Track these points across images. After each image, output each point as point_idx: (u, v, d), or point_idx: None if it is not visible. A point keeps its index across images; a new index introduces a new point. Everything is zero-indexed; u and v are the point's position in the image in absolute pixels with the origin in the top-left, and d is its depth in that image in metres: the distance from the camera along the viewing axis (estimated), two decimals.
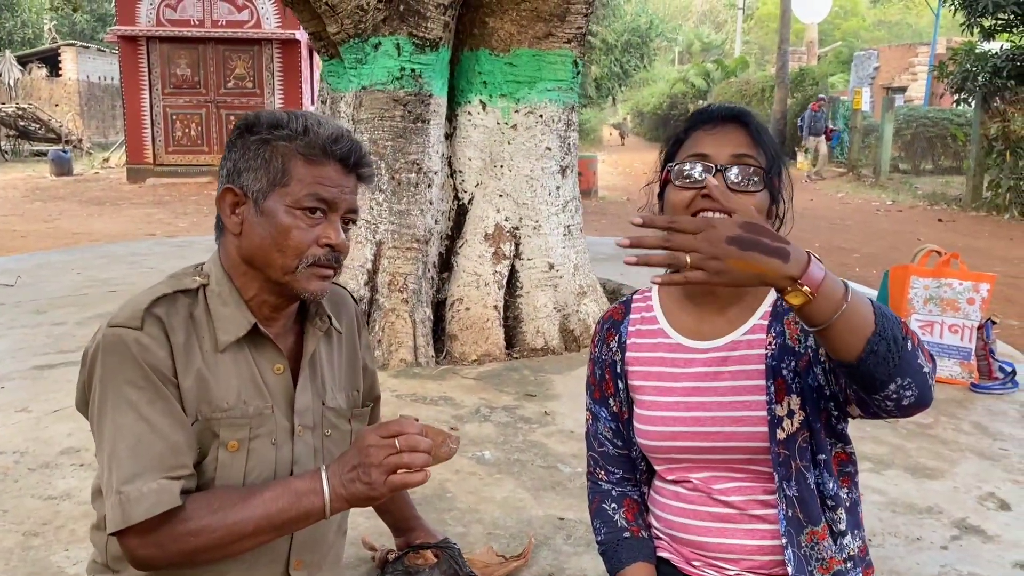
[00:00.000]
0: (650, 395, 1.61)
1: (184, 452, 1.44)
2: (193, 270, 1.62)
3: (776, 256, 1.16)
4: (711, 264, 1.15)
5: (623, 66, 31.32)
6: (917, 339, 1.29)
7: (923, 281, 4.45)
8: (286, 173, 1.51)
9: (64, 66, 28.21)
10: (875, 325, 1.21)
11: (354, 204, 1.57)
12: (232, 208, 1.55)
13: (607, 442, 1.72)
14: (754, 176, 1.49)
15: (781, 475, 1.50)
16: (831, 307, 1.18)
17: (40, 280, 6.33)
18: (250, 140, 1.53)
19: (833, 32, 38.90)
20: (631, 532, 1.67)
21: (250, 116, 1.57)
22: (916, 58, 25.26)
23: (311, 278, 1.53)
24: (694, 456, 1.57)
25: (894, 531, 2.84)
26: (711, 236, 1.15)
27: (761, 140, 1.53)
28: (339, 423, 1.73)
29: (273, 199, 1.51)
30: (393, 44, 4.55)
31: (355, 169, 1.56)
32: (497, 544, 2.66)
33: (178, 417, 1.45)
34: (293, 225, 1.50)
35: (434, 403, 3.95)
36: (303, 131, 1.52)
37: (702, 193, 1.46)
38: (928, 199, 16.06)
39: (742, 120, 1.54)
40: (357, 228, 4.70)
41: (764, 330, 1.55)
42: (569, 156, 5.10)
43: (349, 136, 1.55)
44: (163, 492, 1.38)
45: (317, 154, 1.51)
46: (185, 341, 1.50)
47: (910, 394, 1.26)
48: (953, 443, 3.62)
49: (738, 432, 1.52)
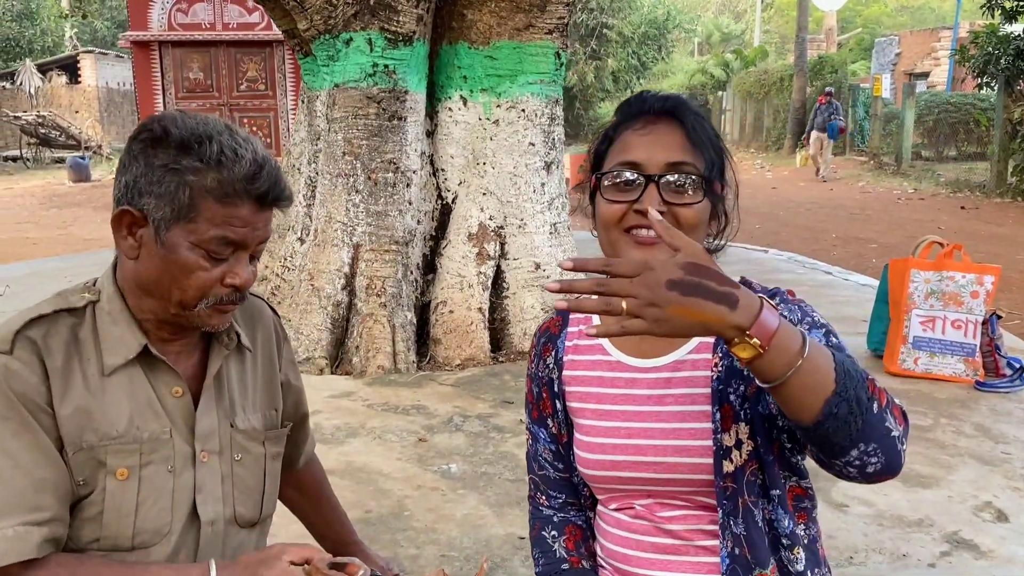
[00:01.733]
0: (589, 419, 1.47)
1: (49, 490, 1.31)
2: (83, 286, 1.47)
3: (722, 302, 1.03)
4: (650, 312, 1.02)
5: (640, 58, 30.93)
6: (886, 399, 1.13)
7: (924, 274, 4.23)
8: (193, 208, 1.33)
9: (83, 73, 28.44)
10: (836, 384, 1.08)
11: (266, 236, 1.41)
12: (129, 230, 1.38)
13: (547, 465, 1.59)
14: (692, 186, 1.32)
15: (727, 510, 1.35)
16: (784, 362, 1.05)
17: (28, 289, 6.26)
18: (155, 163, 1.35)
19: (854, 19, 38.28)
20: (570, 563, 1.54)
21: (156, 127, 1.37)
22: (938, 43, 24.70)
23: (212, 314, 1.39)
24: (636, 487, 1.43)
25: (879, 547, 2.64)
26: (649, 280, 1.03)
27: (699, 139, 1.34)
28: (250, 446, 1.57)
29: (176, 233, 1.34)
30: (365, 40, 4.40)
31: (272, 205, 1.39)
32: (450, 567, 2.50)
33: (46, 451, 1.32)
34: (196, 265, 1.35)
35: (405, 412, 3.80)
36: (216, 164, 1.33)
37: (634, 208, 1.31)
38: (951, 186, 15.67)
39: (676, 115, 1.35)
40: (333, 231, 4.57)
41: (710, 349, 1.38)
42: (554, 152, 4.93)
43: (268, 168, 1.36)
44: (17, 540, 1.26)
45: (230, 194, 1.34)
46: (64, 365, 1.36)
47: (875, 461, 1.12)
48: (952, 447, 3.41)
49: (682, 463, 1.37)
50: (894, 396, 1.17)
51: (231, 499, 1.50)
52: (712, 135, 1.38)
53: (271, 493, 1.61)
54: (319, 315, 4.50)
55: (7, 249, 9.97)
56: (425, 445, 3.44)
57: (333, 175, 4.59)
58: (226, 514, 1.48)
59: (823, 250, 9.24)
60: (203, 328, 1.40)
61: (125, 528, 1.38)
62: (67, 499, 1.34)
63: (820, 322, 1.31)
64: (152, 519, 1.40)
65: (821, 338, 1.27)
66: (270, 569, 1.31)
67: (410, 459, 3.31)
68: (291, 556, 1.34)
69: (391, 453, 3.37)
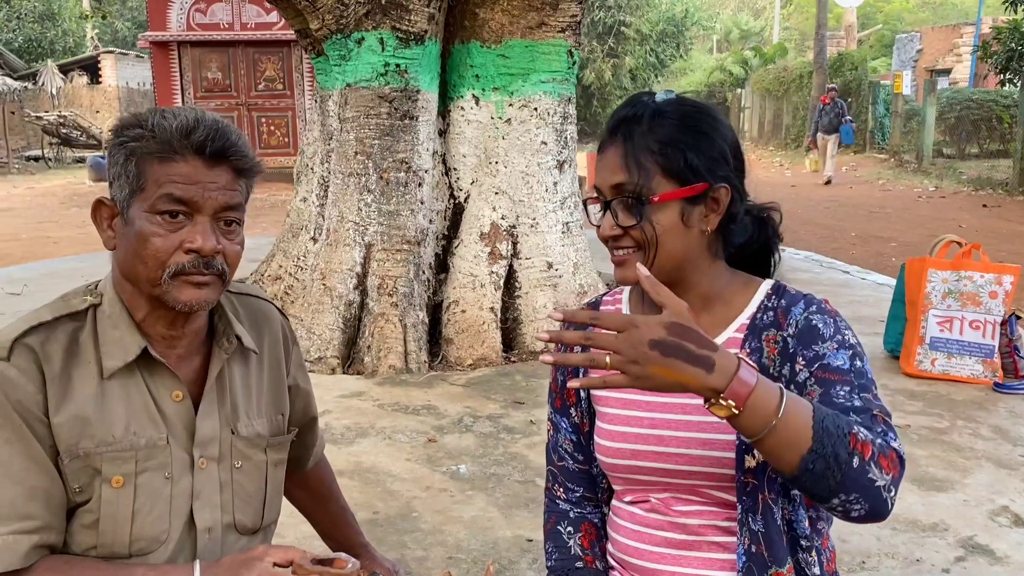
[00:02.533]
0: (613, 408, 1.47)
1: (40, 499, 1.31)
2: (85, 288, 1.47)
3: (699, 365, 1.09)
4: (631, 368, 1.09)
5: (658, 56, 30.80)
6: (871, 451, 1.15)
7: (941, 274, 4.17)
8: (141, 176, 1.34)
9: (104, 73, 28.68)
10: (812, 442, 1.12)
11: (229, 201, 1.38)
12: (109, 222, 1.40)
13: (567, 456, 1.58)
14: (628, 208, 1.33)
15: (746, 506, 1.35)
16: (760, 422, 1.11)
17: (45, 289, 6.30)
18: (113, 148, 1.38)
19: (875, 15, 37.92)
20: (584, 562, 1.53)
21: (121, 119, 1.42)
22: (960, 39, 24.42)
23: (182, 287, 1.36)
24: (655, 478, 1.43)
25: (892, 552, 2.60)
26: (633, 337, 1.09)
27: (633, 152, 1.33)
28: (252, 453, 1.55)
29: (134, 208, 1.36)
30: (376, 39, 4.39)
31: (221, 161, 1.38)
32: (456, 569, 2.49)
33: (39, 460, 1.32)
34: (151, 232, 1.34)
35: (416, 413, 3.79)
36: (155, 127, 1.35)
37: (606, 236, 1.36)
38: (973, 184, 15.48)
39: (620, 132, 1.36)
40: (345, 230, 4.56)
41: (739, 344, 1.38)
42: (566, 150, 4.90)
43: (208, 125, 1.36)
44: (5, 550, 1.26)
45: (166, 150, 1.34)
46: (62, 372, 1.35)
47: (858, 508, 1.16)
48: (968, 450, 3.36)
49: (704, 456, 1.37)
50: (891, 440, 1.18)
51: (230, 506, 1.48)
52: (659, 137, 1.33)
53: (273, 500, 1.59)
54: (331, 315, 4.50)
55: (29, 248, 10.06)
56: (435, 446, 3.43)
57: (345, 174, 4.59)
58: (224, 521, 1.47)
59: (842, 249, 9.16)
60: (176, 307, 1.36)
61: (122, 535, 1.37)
62: (61, 507, 1.33)
63: (849, 342, 1.30)
64: (149, 526, 1.39)
65: (845, 361, 1.28)
66: (251, 571, 1.30)
67: (419, 460, 3.30)
68: (274, 557, 1.32)
69: (400, 454, 3.36)
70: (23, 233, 11.62)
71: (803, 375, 1.29)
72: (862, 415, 1.23)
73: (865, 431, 1.17)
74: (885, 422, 1.23)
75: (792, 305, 1.35)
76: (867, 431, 1.17)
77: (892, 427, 1.24)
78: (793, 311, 1.34)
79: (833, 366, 1.27)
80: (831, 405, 1.24)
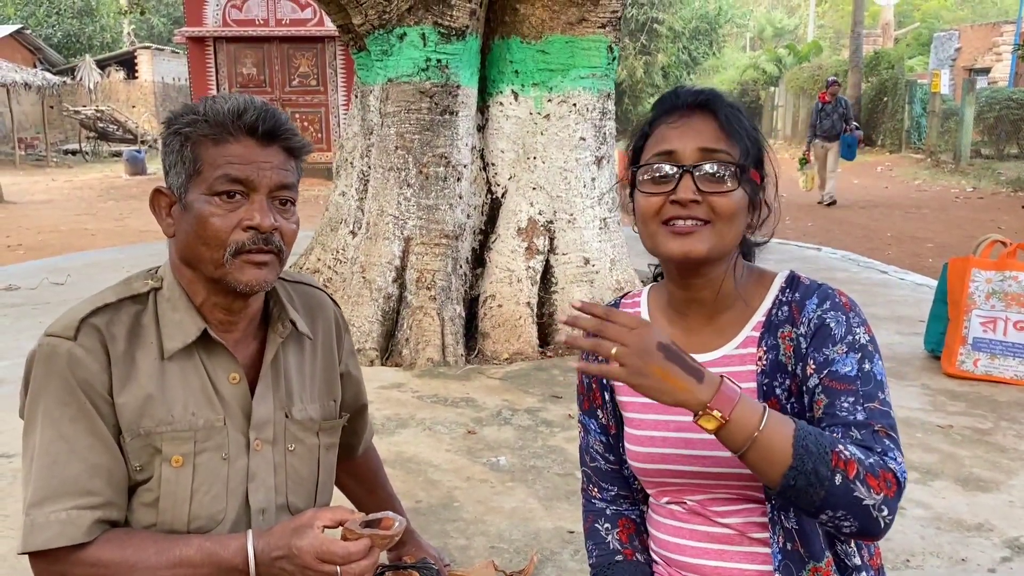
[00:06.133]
0: (638, 412, 1.48)
1: (103, 475, 1.35)
2: (147, 273, 1.51)
3: (692, 375, 1.17)
4: (633, 362, 1.15)
5: (691, 53, 30.63)
6: (856, 470, 1.17)
7: (985, 274, 4.12)
8: (197, 160, 1.39)
9: (140, 68, 29.06)
10: (792, 459, 1.16)
11: (283, 180, 1.42)
12: (167, 211, 1.44)
13: (599, 457, 1.59)
14: (726, 173, 1.32)
15: (776, 504, 1.35)
16: (743, 435, 1.17)
17: (88, 278, 6.43)
18: (167, 137, 1.42)
19: (912, 13, 37.38)
20: (624, 555, 1.54)
21: (172, 111, 1.47)
22: (1000, 37, 24.01)
23: (243, 267, 1.40)
24: (686, 480, 1.43)
25: (937, 551, 2.58)
26: (642, 335, 1.16)
27: (733, 130, 1.34)
28: (305, 437, 1.59)
29: (192, 192, 1.40)
30: (418, 34, 4.42)
31: (273, 141, 1.41)
32: (499, 559, 2.50)
33: (102, 438, 1.36)
34: (210, 213, 1.38)
35: (454, 405, 3.81)
36: (207, 111, 1.39)
37: (671, 199, 1.32)
38: (1012, 185, 15.21)
39: (710, 107, 1.36)
40: (385, 224, 4.60)
41: (756, 343, 1.38)
42: (605, 146, 4.90)
43: (258, 107, 1.41)
44: (68, 525, 1.30)
45: (220, 132, 1.38)
46: (125, 352, 1.39)
47: (848, 524, 1.19)
48: (1013, 451, 3.32)
49: (731, 457, 1.36)
50: (889, 460, 1.19)
51: (284, 488, 1.51)
52: (748, 126, 1.38)
53: (325, 484, 1.62)
54: (370, 307, 4.54)
55: (67, 240, 10.24)
56: (474, 437, 3.46)
57: (385, 169, 4.62)
58: (277, 502, 1.50)
59: (878, 249, 9.06)
60: (239, 288, 1.39)
61: (181, 514, 1.41)
62: (122, 484, 1.37)
63: (859, 343, 1.30)
64: (207, 505, 1.43)
65: (853, 367, 1.28)
66: (302, 539, 1.33)
67: (459, 451, 3.32)
68: (323, 521, 1.36)
69: (440, 444, 3.39)
70: (62, 225, 11.82)
71: (813, 381, 1.30)
72: (863, 430, 1.23)
73: (853, 449, 1.18)
74: (889, 436, 1.24)
75: (806, 299, 1.35)
76: (856, 449, 1.19)
77: (896, 441, 1.24)
78: (807, 307, 1.34)
79: (841, 374, 1.28)
80: (835, 418, 1.25)
